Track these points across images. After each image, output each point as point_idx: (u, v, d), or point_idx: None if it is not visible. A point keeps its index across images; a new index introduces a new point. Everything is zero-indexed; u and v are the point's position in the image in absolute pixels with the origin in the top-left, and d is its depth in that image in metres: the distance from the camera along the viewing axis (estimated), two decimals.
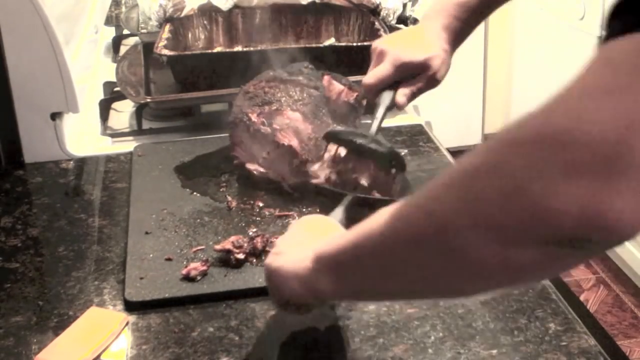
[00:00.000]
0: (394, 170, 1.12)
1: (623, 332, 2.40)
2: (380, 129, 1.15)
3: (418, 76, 1.13)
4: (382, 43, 1.16)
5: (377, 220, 0.63)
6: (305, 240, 0.80)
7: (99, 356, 0.88)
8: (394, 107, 1.14)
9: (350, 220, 0.94)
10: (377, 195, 1.11)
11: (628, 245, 2.46)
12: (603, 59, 0.49)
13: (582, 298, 2.55)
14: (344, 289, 0.73)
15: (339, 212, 0.99)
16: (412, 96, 1.13)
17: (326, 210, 1.01)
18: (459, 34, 1.12)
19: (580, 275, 2.66)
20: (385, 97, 1.13)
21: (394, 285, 0.65)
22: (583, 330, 0.90)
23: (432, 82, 1.12)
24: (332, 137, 1.13)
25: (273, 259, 0.82)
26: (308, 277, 0.74)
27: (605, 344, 0.96)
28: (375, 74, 1.13)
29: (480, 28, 1.18)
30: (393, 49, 1.13)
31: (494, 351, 0.87)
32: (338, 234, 0.78)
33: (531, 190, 0.48)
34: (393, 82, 1.13)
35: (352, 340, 0.90)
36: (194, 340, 0.89)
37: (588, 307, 2.50)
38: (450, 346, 0.87)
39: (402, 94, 1.12)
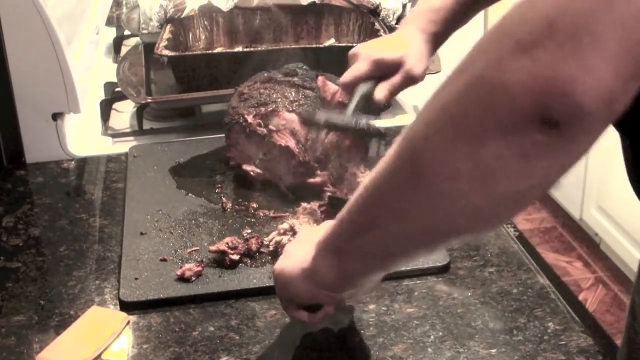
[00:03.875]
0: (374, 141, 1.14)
1: (622, 331, 2.40)
2: (357, 113, 1.14)
3: (395, 74, 1.14)
4: (357, 47, 1.17)
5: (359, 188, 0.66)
6: (310, 239, 0.80)
7: (100, 355, 0.88)
8: (371, 100, 1.13)
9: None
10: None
11: (626, 244, 2.46)
12: None
13: (580, 297, 2.55)
14: (344, 269, 0.73)
15: None
16: (391, 92, 1.14)
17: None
18: (435, 36, 1.13)
19: (579, 275, 2.67)
20: (361, 87, 1.13)
21: (387, 240, 0.65)
22: (582, 330, 0.91)
23: (410, 78, 1.12)
24: (308, 122, 1.14)
25: (279, 262, 0.84)
26: (310, 268, 0.76)
27: (603, 344, 0.96)
28: (350, 71, 1.14)
29: (478, 29, 1.18)
30: (367, 50, 1.15)
31: (493, 350, 0.87)
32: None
33: (487, 74, 0.50)
34: (370, 79, 1.13)
35: (352, 340, 0.91)
36: (194, 340, 0.90)
37: (587, 306, 2.50)
38: (449, 345, 0.88)
39: (380, 89, 1.13)
